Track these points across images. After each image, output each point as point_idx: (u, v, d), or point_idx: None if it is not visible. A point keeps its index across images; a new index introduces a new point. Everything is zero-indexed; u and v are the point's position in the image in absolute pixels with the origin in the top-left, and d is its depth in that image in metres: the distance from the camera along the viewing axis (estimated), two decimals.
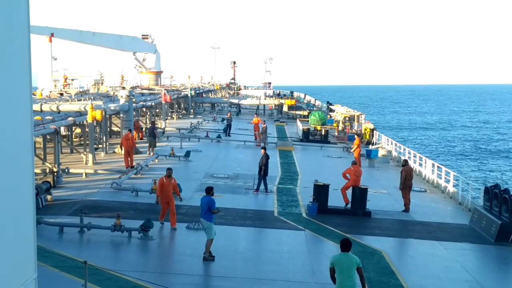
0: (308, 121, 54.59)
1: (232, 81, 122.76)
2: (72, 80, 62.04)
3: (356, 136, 38.36)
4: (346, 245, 11.65)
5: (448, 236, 20.49)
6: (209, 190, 16.42)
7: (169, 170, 19.76)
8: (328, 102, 79.62)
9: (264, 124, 43.92)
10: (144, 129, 43.76)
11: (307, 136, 47.18)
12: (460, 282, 15.91)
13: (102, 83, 69.16)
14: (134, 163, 29.38)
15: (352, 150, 36.73)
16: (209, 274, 15.20)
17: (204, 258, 15.84)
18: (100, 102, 35.71)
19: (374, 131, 47.92)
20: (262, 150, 26.49)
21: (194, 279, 14.67)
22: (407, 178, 23.96)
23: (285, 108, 71.90)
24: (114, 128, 42.62)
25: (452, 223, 22.75)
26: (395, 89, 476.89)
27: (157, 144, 36.28)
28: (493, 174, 61.26)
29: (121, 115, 36.73)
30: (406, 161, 26.21)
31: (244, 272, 15.57)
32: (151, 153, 33.76)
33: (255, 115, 54.20)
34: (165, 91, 56.29)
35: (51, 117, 28.87)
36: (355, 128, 53.63)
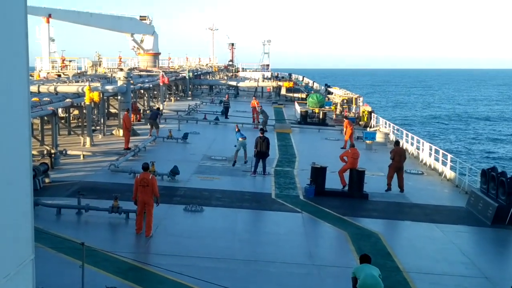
0: (306, 103, 54.50)
1: (230, 63, 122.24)
2: (70, 61, 61.67)
3: (344, 119, 38.46)
4: (366, 258, 11.94)
5: (445, 219, 20.54)
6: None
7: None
8: (326, 85, 79.43)
9: (259, 106, 44.16)
10: (142, 111, 43.73)
11: (305, 119, 47.12)
12: (457, 264, 15.99)
13: (99, 65, 68.88)
14: (131, 145, 29.39)
15: (343, 133, 36.79)
16: (207, 256, 15.25)
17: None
18: (97, 84, 35.59)
19: (372, 114, 47.86)
20: (260, 132, 26.56)
21: (191, 261, 14.72)
22: (394, 157, 24.04)
23: (283, 91, 71.64)
24: (112, 110, 42.52)
25: (449, 206, 22.81)
26: (396, 74, 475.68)
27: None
28: (490, 157, 61.38)
29: (119, 97, 36.62)
30: (397, 141, 26.37)
31: (241, 254, 15.63)
32: (156, 134, 33.59)
33: (254, 98, 54.14)
34: (163, 73, 56.14)
35: (48, 99, 28.79)
36: (353, 110, 53.55)
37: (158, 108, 38.86)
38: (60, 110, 34.47)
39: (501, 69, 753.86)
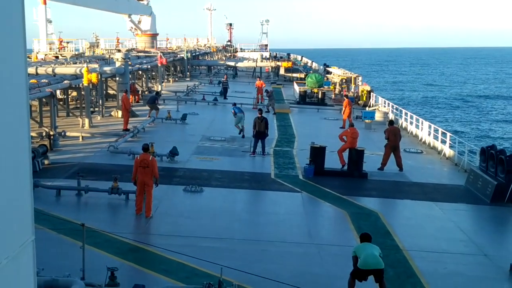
0: (305, 83, 54.35)
1: (228, 43, 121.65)
2: (67, 43, 61.32)
3: (345, 98, 38.41)
4: (367, 237, 11.97)
5: (444, 197, 20.59)
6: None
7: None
8: (325, 64, 79.12)
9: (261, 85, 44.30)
10: (140, 92, 43.61)
11: (304, 99, 47.06)
12: (456, 242, 16.05)
13: (97, 46, 68.52)
14: (129, 126, 29.34)
15: (342, 113, 36.73)
16: (206, 235, 15.30)
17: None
18: (95, 65, 35.45)
19: (371, 93, 47.75)
20: (258, 112, 26.48)
21: (191, 241, 14.77)
22: (389, 137, 24.05)
23: (281, 71, 71.38)
24: (110, 91, 42.41)
25: (448, 184, 22.86)
26: (393, 53, 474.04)
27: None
28: (489, 135, 61.39)
29: (117, 78, 36.50)
30: (391, 121, 26.39)
31: (241, 234, 15.69)
32: (155, 115, 33.49)
33: (258, 78, 54.13)
34: (161, 54, 55.91)
35: (46, 80, 28.67)
36: (352, 90, 53.41)
37: (157, 92, 38.55)
38: (58, 92, 34.34)
39: (500, 47, 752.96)
